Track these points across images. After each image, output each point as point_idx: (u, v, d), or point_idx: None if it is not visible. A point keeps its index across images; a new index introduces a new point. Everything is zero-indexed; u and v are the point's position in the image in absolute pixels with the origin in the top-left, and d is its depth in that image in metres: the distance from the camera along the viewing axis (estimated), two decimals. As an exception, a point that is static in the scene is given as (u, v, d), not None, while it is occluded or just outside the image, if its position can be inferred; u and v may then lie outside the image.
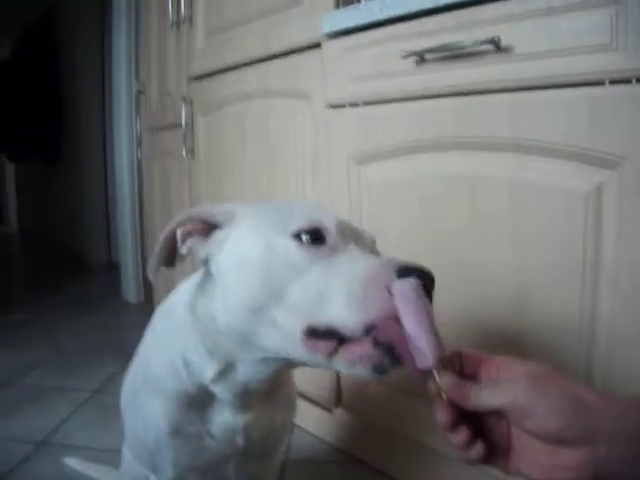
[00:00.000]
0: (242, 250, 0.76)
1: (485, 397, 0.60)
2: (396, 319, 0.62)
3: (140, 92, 3.01)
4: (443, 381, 0.61)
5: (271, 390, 0.91)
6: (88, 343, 2.67)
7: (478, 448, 0.60)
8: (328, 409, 1.71)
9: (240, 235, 0.77)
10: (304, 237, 0.71)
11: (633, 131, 0.97)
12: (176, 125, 2.31)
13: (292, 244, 0.71)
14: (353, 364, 0.65)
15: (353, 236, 0.76)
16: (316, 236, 0.71)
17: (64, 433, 1.78)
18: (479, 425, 0.63)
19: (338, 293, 0.65)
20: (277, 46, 1.73)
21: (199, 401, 0.86)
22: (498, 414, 0.60)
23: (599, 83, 1.01)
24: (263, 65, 1.80)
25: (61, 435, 1.77)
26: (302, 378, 1.70)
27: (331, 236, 0.72)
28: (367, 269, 0.67)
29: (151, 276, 0.82)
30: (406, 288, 0.62)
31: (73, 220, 4.86)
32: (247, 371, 0.80)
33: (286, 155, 1.73)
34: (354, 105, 1.45)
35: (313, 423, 1.76)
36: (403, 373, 0.64)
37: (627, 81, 0.98)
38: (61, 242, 5.13)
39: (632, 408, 0.56)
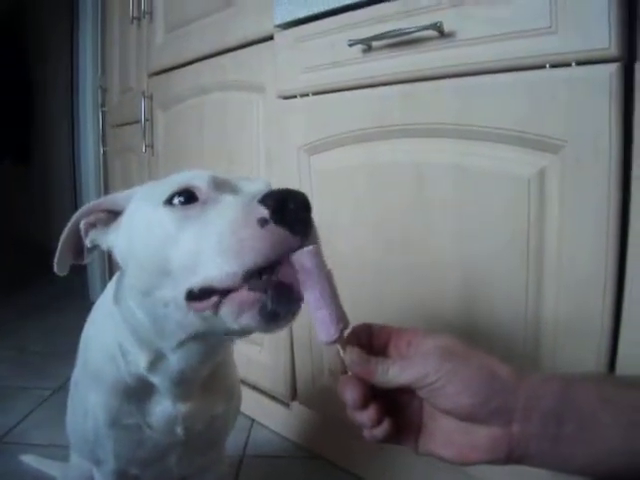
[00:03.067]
0: (129, 234, 0.75)
1: (393, 373, 0.57)
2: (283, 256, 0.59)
3: (103, 89, 2.98)
4: (347, 357, 0.59)
5: (210, 379, 0.90)
6: (52, 343, 2.62)
7: (385, 426, 0.58)
8: (285, 404, 1.70)
9: (127, 220, 0.77)
10: (176, 200, 0.68)
11: (573, 114, 0.97)
12: (137, 121, 2.29)
13: (164, 211, 0.68)
14: (239, 314, 0.60)
15: (231, 188, 0.72)
16: (188, 196, 0.68)
17: (22, 431, 1.76)
18: (389, 402, 0.61)
19: (211, 248, 0.61)
20: (233, 39, 1.72)
21: (137, 391, 0.85)
22: (409, 391, 0.59)
23: (540, 67, 1.01)
24: (219, 58, 1.79)
25: (19, 433, 1.75)
26: (258, 373, 1.72)
27: (202, 192, 0.68)
28: (233, 213, 0.62)
29: (58, 271, 0.82)
30: (303, 257, 0.58)
31: (41, 220, 4.80)
32: (177, 359, 0.78)
33: (242, 147, 1.72)
34: (304, 95, 1.44)
35: (271, 418, 1.75)
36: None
37: (567, 64, 0.97)
38: (29, 242, 5.07)
39: (547, 384, 0.55)
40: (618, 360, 0.98)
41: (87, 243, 0.80)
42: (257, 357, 1.71)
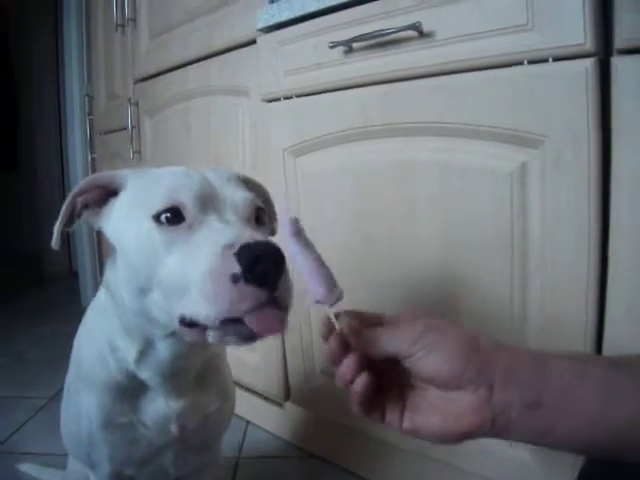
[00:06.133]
0: (120, 233, 0.78)
1: (384, 340, 0.60)
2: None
3: (89, 96, 2.99)
4: (343, 322, 0.62)
5: (201, 375, 0.92)
6: (47, 351, 2.63)
7: (363, 378, 0.60)
8: (279, 404, 1.71)
9: (118, 214, 0.80)
10: (163, 217, 0.72)
11: (552, 109, 0.99)
12: (124, 127, 2.30)
13: (153, 227, 0.72)
14: (223, 339, 0.68)
15: (215, 205, 0.75)
16: (174, 214, 0.72)
17: (18, 440, 1.76)
18: (374, 379, 0.62)
19: (193, 287, 0.66)
20: (217, 44, 1.73)
21: (130, 390, 0.87)
22: (394, 368, 0.61)
23: (518, 63, 1.02)
24: (204, 63, 1.81)
25: (15, 442, 1.75)
26: (251, 374, 1.73)
27: (188, 212, 0.72)
28: (211, 261, 0.66)
29: (55, 245, 0.83)
30: (290, 231, 0.64)
31: (31, 229, 4.79)
32: (165, 348, 0.82)
33: (228, 151, 1.73)
34: (288, 98, 1.45)
35: (265, 419, 1.76)
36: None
37: (544, 60, 0.99)
38: (19, 251, 5.06)
39: (523, 353, 0.58)
40: (604, 351, 1.00)
41: (80, 221, 0.83)
42: (250, 359, 1.72)
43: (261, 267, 0.64)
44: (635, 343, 0.94)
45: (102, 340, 0.86)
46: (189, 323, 0.69)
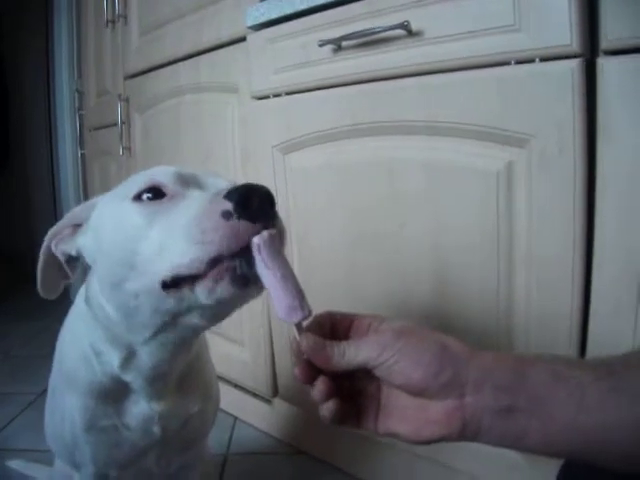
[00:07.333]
0: (98, 231, 0.77)
1: (349, 355, 0.59)
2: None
3: (79, 92, 2.98)
4: (304, 342, 0.60)
5: (185, 377, 0.91)
6: (36, 347, 2.63)
7: (330, 405, 0.60)
8: (267, 400, 1.72)
9: (95, 219, 0.79)
10: (144, 196, 0.70)
11: (538, 109, 0.99)
12: (114, 123, 2.29)
13: (133, 207, 0.70)
14: (213, 289, 0.63)
15: (197, 183, 0.74)
16: (155, 193, 0.70)
17: (7, 436, 1.77)
18: (346, 388, 0.63)
19: (177, 238, 0.64)
20: (207, 41, 1.73)
21: (113, 392, 0.86)
22: (368, 374, 0.60)
23: (505, 63, 1.03)
24: (194, 60, 1.80)
25: (4, 438, 1.75)
26: (239, 370, 1.73)
27: (168, 188, 0.71)
28: (199, 206, 0.65)
29: (45, 295, 0.84)
30: (261, 243, 0.60)
31: (22, 226, 4.78)
32: (148, 353, 0.80)
33: (218, 148, 1.73)
34: (277, 95, 1.45)
35: (253, 415, 1.77)
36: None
37: (531, 60, 1.00)
38: (9, 249, 5.03)
39: (500, 360, 0.57)
40: (588, 346, 1.01)
41: (60, 257, 0.82)
42: (238, 355, 1.73)
43: (254, 202, 0.62)
44: (617, 336, 0.96)
45: (85, 344, 0.84)
46: (172, 283, 0.65)
